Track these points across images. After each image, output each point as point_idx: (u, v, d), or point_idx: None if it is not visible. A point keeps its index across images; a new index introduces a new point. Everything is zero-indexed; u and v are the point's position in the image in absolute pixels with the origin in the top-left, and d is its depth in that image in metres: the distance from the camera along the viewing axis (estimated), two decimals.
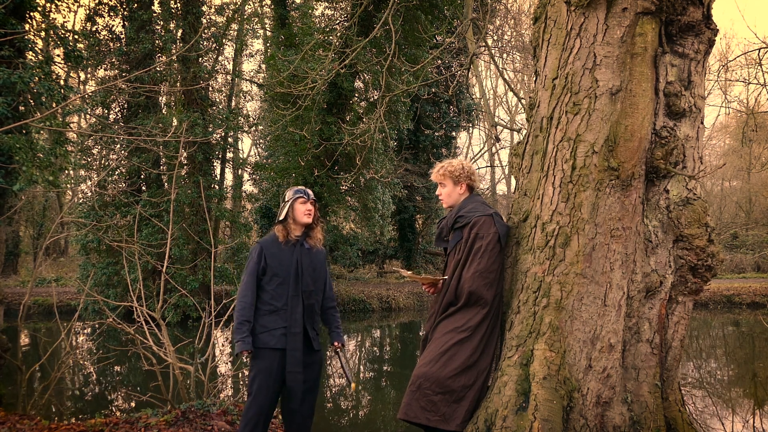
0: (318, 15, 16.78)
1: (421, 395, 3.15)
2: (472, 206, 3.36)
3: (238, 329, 3.46)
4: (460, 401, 3.19)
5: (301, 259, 3.56)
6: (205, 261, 13.40)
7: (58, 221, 7.37)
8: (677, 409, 3.49)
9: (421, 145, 21.02)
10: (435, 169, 3.48)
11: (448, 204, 3.44)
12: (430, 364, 3.19)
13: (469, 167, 3.49)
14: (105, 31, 14.79)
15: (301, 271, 3.55)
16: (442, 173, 3.44)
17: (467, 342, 3.20)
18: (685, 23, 3.42)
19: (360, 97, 16.46)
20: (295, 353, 3.48)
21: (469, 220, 3.28)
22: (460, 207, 3.38)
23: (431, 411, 3.14)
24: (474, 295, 3.20)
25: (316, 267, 3.63)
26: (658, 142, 3.43)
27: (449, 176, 3.43)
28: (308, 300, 3.56)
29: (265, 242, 3.62)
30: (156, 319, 5.39)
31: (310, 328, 3.58)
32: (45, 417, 5.45)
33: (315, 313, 3.65)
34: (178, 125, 12.85)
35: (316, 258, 3.67)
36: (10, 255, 21.03)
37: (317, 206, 3.70)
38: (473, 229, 3.24)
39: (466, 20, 7.23)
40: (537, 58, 3.95)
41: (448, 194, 3.43)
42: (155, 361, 5.45)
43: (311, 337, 3.59)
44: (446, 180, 3.43)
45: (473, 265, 3.19)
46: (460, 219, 3.31)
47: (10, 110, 8.14)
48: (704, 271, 3.47)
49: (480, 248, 3.20)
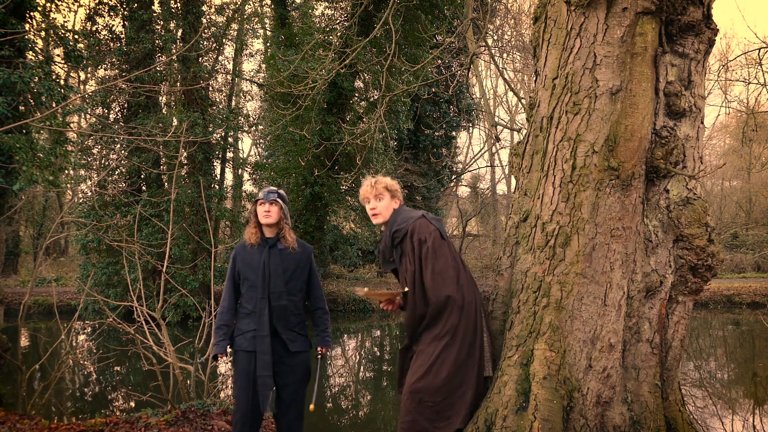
0: (318, 15, 16.79)
1: (425, 408, 3.15)
2: (402, 216, 3.28)
3: (215, 333, 3.58)
4: (461, 398, 3.21)
5: (269, 260, 3.51)
6: (205, 261, 13.40)
7: (58, 221, 7.37)
8: (677, 408, 3.49)
9: (421, 144, 21.02)
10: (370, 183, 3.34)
11: (384, 218, 3.32)
12: (425, 378, 3.17)
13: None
14: (105, 31, 14.79)
15: (267, 273, 3.50)
16: (383, 187, 3.33)
17: (451, 345, 3.18)
18: (685, 23, 3.43)
19: (360, 96, 16.46)
20: (265, 357, 3.43)
21: (405, 230, 3.19)
22: (392, 222, 3.28)
23: (438, 419, 3.16)
24: (440, 297, 3.13)
25: (288, 268, 3.54)
26: (658, 142, 3.43)
27: (388, 190, 3.34)
28: (277, 302, 3.49)
29: (239, 247, 3.64)
30: (156, 318, 5.40)
31: (283, 330, 3.50)
32: (45, 417, 5.46)
33: (290, 315, 3.54)
34: (178, 125, 12.85)
35: (289, 258, 3.57)
36: (10, 255, 21.03)
37: (281, 206, 3.58)
38: (413, 236, 3.16)
39: (466, 20, 7.23)
40: (537, 57, 3.95)
41: (386, 207, 3.32)
42: (155, 360, 5.45)
43: (285, 339, 3.51)
44: (386, 193, 3.33)
45: (428, 270, 3.12)
46: (397, 234, 3.22)
47: (10, 110, 8.14)
48: (704, 270, 3.47)
49: (427, 251, 3.13)
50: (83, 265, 14.65)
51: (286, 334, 3.52)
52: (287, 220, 3.60)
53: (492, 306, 3.90)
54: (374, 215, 3.31)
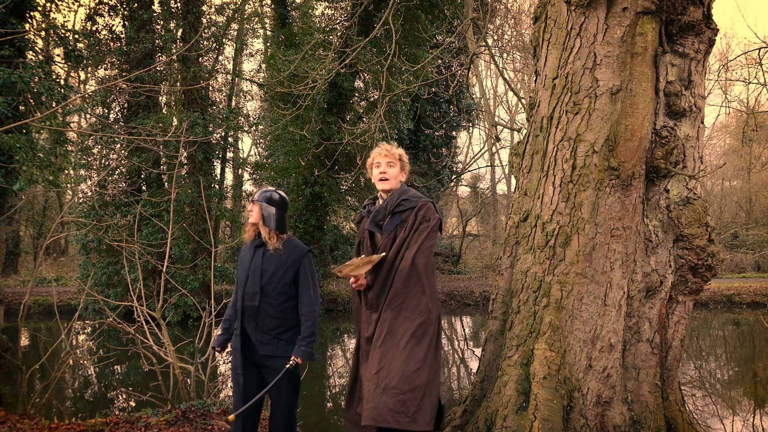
0: (318, 15, 16.78)
1: (389, 396, 2.94)
2: (414, 192, 3.28)
3: (220, 327, 3.64)
4: (428, 395, 3.02)
5: (252, 261, 3.52)
6: (206, 260, 13.40)
7: (59, 221, 7.37)
8: (677, 408, 3.49)
9: (422, 144, 21.01)
10: (388, 148, 3.29)
11: (391, 186, 3.26)
12: (396, 361, 2.99)
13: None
14: (105, 31, 14.79)
15: (248, 273, 3.51)
16: (398, 155, 3.30)
17: (424, 336, 3.04)
18: (686, 23, 3.42)
19: (360, 96, 16.45)
20: (236, 353, 3.49)
21: (415, 204, 3.17)
22: (402, 191, 3.25)
23: (401, 412, 2.93)
24: (416, 272, 3.05)
25: (267, 270, 3.47)
26: (659, 142, 3.43)
27: (401, 160, 3.31)
28: (249, 302, 3.46)
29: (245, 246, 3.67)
30: (156, 318, 5.39)
31: (252, 332, 3.46)
32: (45, 416, 5.45)
33: (264, 317, 3.45)
34: (178, 125, 12.86)
35: (271, 260, 3.49)
36: (10, 255, 21.03)
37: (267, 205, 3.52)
38: (420, 211, 3.14)
39: (467, 20, 7.23)
40: (537, 57, 3.95)
41: (395, 176, 3.27)
42: (155, 360, 5.45)
43: (254, 341, 3.45)
44: (398, 163, 3.29)
45: (417, 243, 3.07)
46: (405, 202, 3.19)
47: (10, 110, 8.15)
48: (704, 270, 3.47)
49: (425, 228, 3.11)
50: (83, 265, 14.64)
51: (257, 336, 3.45)
52: (273, 222, 3.50)
53: (492, 306, 3.89)
54: (383, 180, 3.25)
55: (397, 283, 3.07)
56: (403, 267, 3.06)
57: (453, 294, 17.63)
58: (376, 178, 3.28)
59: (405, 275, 3.05)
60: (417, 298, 3.05)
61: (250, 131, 18.66)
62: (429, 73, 15.08)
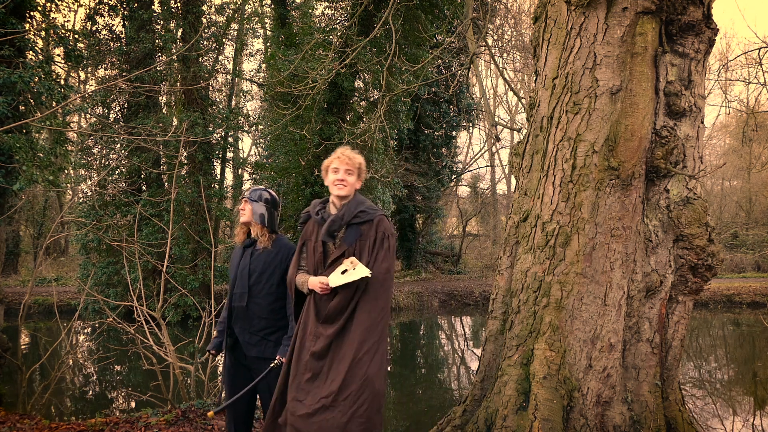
0: (318, 14, 16.78)
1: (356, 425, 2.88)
2: (369, 203, 3.17)
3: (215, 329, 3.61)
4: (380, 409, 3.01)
5: (241, 261, 3.48)
6: (206, 260, 13.40)
7: (59, 221, 7.37)
8: (677, 408, 3.49)
9: (422, 144, 21.01)
10: (348, 155, 3.16)
11: (347, 193, 3.14)
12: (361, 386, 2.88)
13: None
14: (105, 31, 14.80)
15: (237, 274, 3.47)
16: (358, 164, 3.18)
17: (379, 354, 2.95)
18: (686, 23, 3.42)
19: (360, 96, 16.45)
20: (227, 354, 3.48)
21: (372, 216, 3.08)
22: (359, 201, 3.14)
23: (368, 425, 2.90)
24: (384, 291, 2.98)
25: (255, 269, 3.41)
26: (659, 142, 3.43)
27: (359, 169, 3.20)
28: (237, 302, 3.41)
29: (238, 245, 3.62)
30: (156, 318, 5.39)
31: (240, 333, 3.42)
32: (45, 416, 5.45)
33: (253, 318, 3.42)
34: (179, 125, 12.86)
35: (259, 259, 3.44)
36: (10, 254, 21.03)
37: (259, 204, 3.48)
38: (380, 226, 3.06)
39: (467, 20, 7.23)
40: (537, 57, 3.95)
41: (352, 184, 3.16)
42: (155, 360, 5.46)
43: (242, 342, 3.42)
44: (356, 171, 3.18)
45: (384, 264, 3.00)
46: (362, 214, 3.08)
47: (10, 110, 8.15)
48: (704, 270, 3.47)
49: (390, 247, 3.04)
50: (83, 265, 14.65)
51: (245, 337, 3.41)
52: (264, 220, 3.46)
53: (492, 306, 3.89)
54: (341, 186, 3.13)
55: (364, 301, 2.95)
56: (369, 286, 2.96)
57: (453, 294, 17.62)
58: (331, 184, 3.16)
59: (372, 294, 2.96)
60: (379, 318, 2.96)
61: (250, 131, 18.66)
62: (429, 73, 15.08)
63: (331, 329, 2.97)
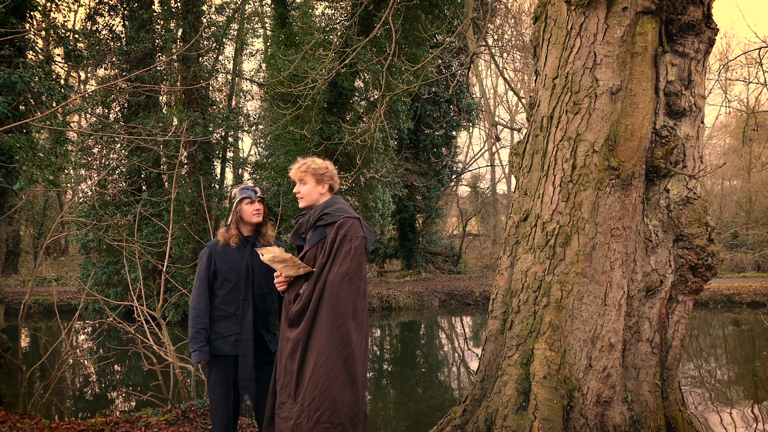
0: (318, 14, 16.77)
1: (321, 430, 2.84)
2: (339, 206, 3.13)
3: (195, 338, 3.31)
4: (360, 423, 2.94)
5: (252, 260, 3.37)
6: None
7: (59, 220, 7.37)
8: (677, 408, 3.49)
9: (422, 144, 21.01)
10: (296, 166, 3.19)
11: (307, 203, 3.18)
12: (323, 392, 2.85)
13: (333, 169, 3.27)
14: (105, 31, 14.81)
15: (252, 273, 3.36)
16: (304, 170, 3.17)
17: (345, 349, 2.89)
18: (686, 22, 3.42)
19: (360, 96, 16.45)
20: (246, 360, 3.31)
21: (336, 219, 3.04)
22: (325, 205, 3.13)
23: None
24: (341, 299, 2.90)
25: (269, 268, 3.31)
26: (659, 142, 3.43)
27: (312, 174, 3.17)
28: (261, 303, 3.37)
29: (213, 245, 3.44)
30: (156, 318, 5.39)
31: (265, 332, 3.38)
32: (45, 416, 5.46)
33: (270, 316, 3.42)
34: (179, 124, 12.86)
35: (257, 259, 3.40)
36: (10, 254, 21.03)
37: (266, 203, 3.47)
38: (341, 229, 2.99)
39: (467, 19, 7.23)
40: (537, 57, 3.95)
41: (309, 192, 3.17)
42: (155, 360, 5.46)
43: (267, 340, 3.39)
44: (308, 177, 3.17)
45: (341, 267, 2.92)
46: (326, 216, 3.07)
47: (10, 110, 8.15)
48: (704, 270, 3.47)
49: (349, 251, 2.95)
50: (83, 265, 14.65)
51: (268, 336, 3.41)
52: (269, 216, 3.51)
53: (492, 306, 3.90)
54: (299, 199, 3.19)
55: (324, 307, 2.91)
56: (317, 291, 2.92)
57: (453, 294, 17.64)
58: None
59: (330, 299, 2.90)
60: (339, 323, 2.89)
61: (250, 131, 18.67)
62: (429, 72, 15.07)
63: (294, 332, 2.98)
